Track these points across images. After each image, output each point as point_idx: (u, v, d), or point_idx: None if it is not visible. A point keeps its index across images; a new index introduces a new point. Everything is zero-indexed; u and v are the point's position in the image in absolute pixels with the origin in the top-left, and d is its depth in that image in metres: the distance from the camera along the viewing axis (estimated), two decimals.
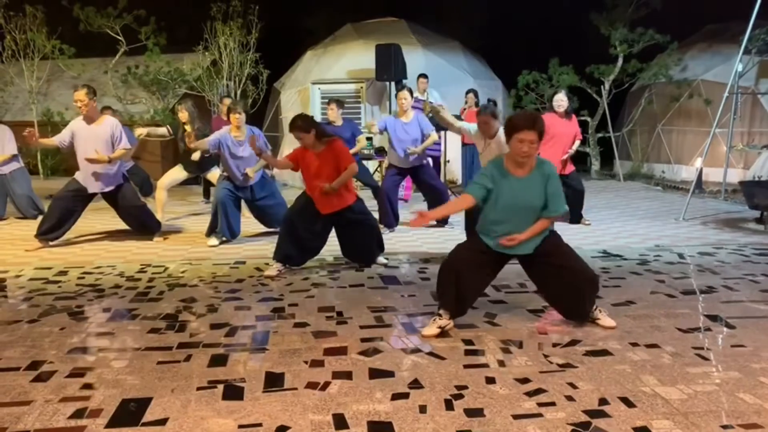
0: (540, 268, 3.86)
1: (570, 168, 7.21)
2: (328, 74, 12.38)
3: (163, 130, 7.81)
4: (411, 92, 7.00)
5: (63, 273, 5.35)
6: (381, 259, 5.60)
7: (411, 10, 14.24)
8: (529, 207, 3.72)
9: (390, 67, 10.73)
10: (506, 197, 3.71)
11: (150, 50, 12.89)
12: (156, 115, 12.77)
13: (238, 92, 12.86)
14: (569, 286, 3.75)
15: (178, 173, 7.66)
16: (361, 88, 12.15)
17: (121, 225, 6.87)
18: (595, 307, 3.89)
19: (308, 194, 5.30)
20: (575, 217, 7.38)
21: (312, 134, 5.12)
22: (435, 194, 7.09)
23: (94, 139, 6.08)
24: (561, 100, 7.02)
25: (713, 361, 3.32)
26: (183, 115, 7.28)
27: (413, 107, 7.20)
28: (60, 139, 6.15)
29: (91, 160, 5.98)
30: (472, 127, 5.66)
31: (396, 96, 6.92)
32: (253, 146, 5.32)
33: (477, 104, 10.08)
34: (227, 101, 9.33)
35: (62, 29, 13.33)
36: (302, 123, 5.09)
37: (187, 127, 7.25)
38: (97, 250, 6.26)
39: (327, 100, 8.09)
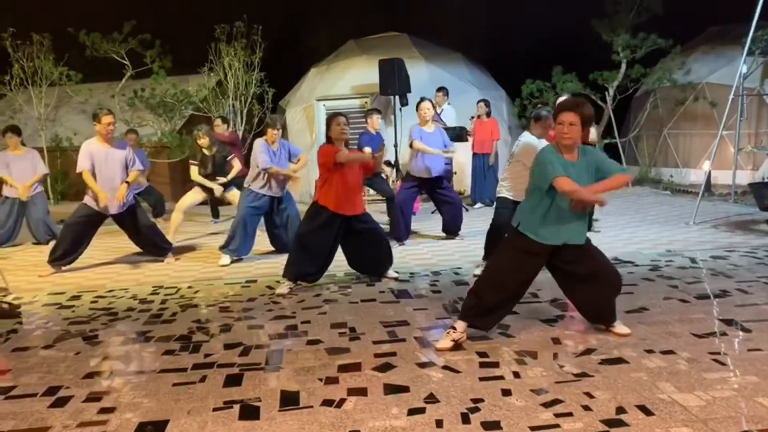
0: (572, 272, 3.82)
1: None
2: (332, 90, 12.46)
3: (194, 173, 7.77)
4: (433, 103, 7.08)
5: (76, 297, 5.38)
6: (392, 273, 5.60)
7: (412, 24, 14.32)
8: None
9: (394, 81, 10.77)
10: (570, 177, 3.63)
11: (156, 73, 13.01)
12: (164, 137, 12.88)
13: (244, 112, 12.96)
14: (601, 291, 3.76)
15: (196, 195, 7.68)
16: (366, 102, 12.21)
17: (133, 248, 6.91)
18: None
19: (332, 206, 5.21)
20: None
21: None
22: (450, 207, 7.10)
23: (111, 161, 6.16)
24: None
25: (730, 366, 3.30)
26: (204, 141, 7.53)
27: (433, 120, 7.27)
28: (83, 167, 6.10)
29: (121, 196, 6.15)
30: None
31: (417, 107, 6.99)
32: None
33: (488, 114, 10.09)
34: (219, 122, 9.54)
35: (69, 56, 13.48)
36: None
37: (206, 152, 7.48)
38: (109, 274, 6.30)
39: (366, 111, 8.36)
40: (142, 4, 14.10)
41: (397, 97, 11.07)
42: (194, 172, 7.59)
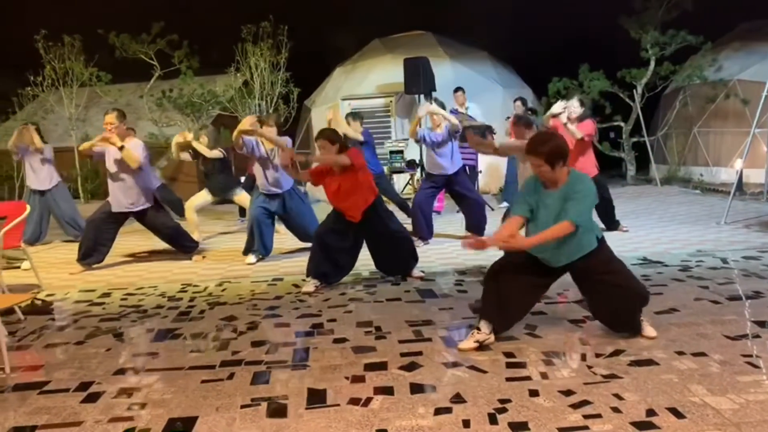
0: (591, 284, 3.76)
1: (591, 171, 7.01)
2: (357, 90, 12.50)
3: (215, 153, 7.81)
4: (443, 105, 7.06)
5: (106, 295, 5.47)
6: (417, 272, 5.59)
7: (437, 23, 14.30)
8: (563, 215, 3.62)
9: (418, 80, 10.78)
10: (540, 212, 3.67)
11: (183, 73, 13.18)
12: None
13: (270, 111, 13.04)
14: (620, 305, 3.69)
15: (206, 196, 7.78)
16: (391, 102, 12.22)
17: (161, 245, 7.00)
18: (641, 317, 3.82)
19: (336, 209, 5.32)
20: (609, 224, 7.24)
21: (335, 147, 5.22)
22: (472, 206, 7.07)
23: (121, 161, 6.20)
24: (571, 107, 6.92)
25: (764, 369, 3.23)
26: (203, 139, 7.64)
27: (451, 112, 7.25)
28: (98, 149, 6.27)
29: (102, 138, 6.10)
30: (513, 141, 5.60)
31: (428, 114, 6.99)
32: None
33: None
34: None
35: (99, 56, 13.74)
36: (329, 134, 5.27)
37: (205, 153, 7.62)
38: (138, 272, 6.39)
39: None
40: (170, 6, 14.29)
41: (422, 96, 11.07)
42: (200, 146, 7.63)
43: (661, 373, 3.22)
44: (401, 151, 10.95)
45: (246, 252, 6.55)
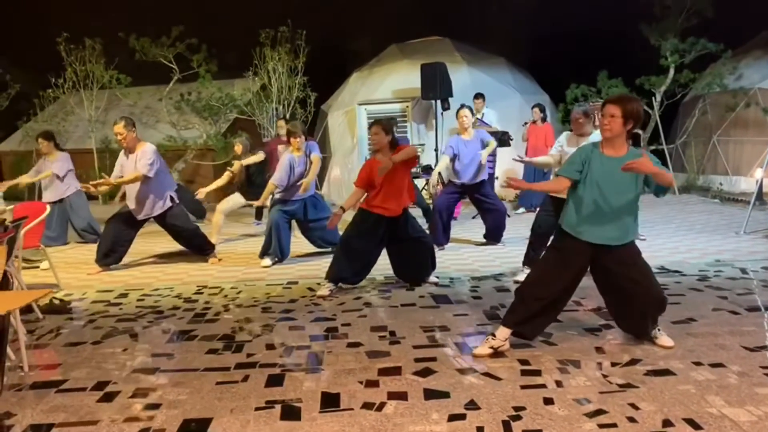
0: (611, 277, 3.74)
1: None
2: (374, 95, 12.52)
3: (260, 156, 7.93)
4: (471, 111, 7.05)
5: (123, 295, 5.52)
6: (433, 278, 5.59)
7: (455, 29, 14.31)
8: (623, 186, 3.58)
9: (435, 86, 10.78)
10: (597, 174, 3.60)
11: (202, 77, 13.29)
12: (209, 139, 13.13)
13: (287, 115, 13.11)
14: (635, 302, 3.68)
15: (238, 199, 7.82)
16: (407, 107, 12.23)
17: (177, 247, 7.06)
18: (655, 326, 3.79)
19: (375, 209, 5.25)
20: None
21: (388, 137, 5.26)
22: (494, 213, 7.04)
23: (131, 168, 6.24)
24: None
25: None
26: (238, 148, 7.73)
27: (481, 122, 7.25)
28: (114, 176, 6.33)
29: (96, 185, 6.05)
30: (558, 144, 5.50)
31: (457, 114, 6.97)
32: (332, 226, 5.36)
33: (544, 119, 9.96)
34: (282, 123, 9.56)
35: (119, 60, 13.90)
36: (386, 125, 5.32)
37: (240, 160, 7.72)
38: (155, 273, 6.45)
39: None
40: (190, 10, 14.41)
41: (438, 102, 11.07)
42: (223, 179, 7.67)
43: (678, 383, 3.19)
44: (417, 157, 10.93)
45: (262, 255, 6.59)
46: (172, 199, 6.51)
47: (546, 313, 3.74)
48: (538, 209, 5.93)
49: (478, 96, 10.07)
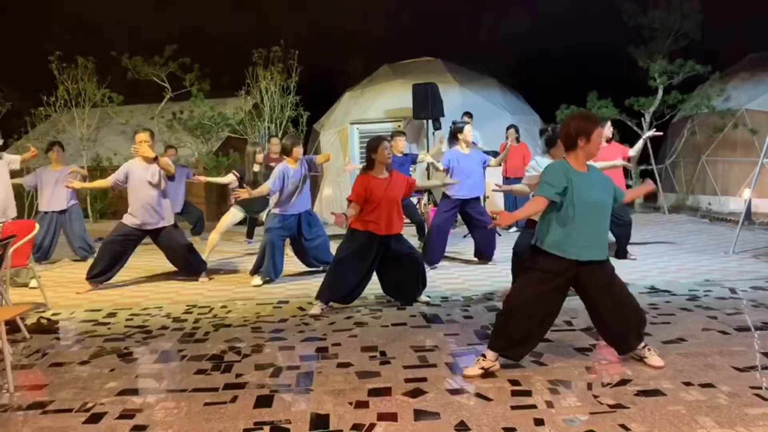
0: (595, 293, 3.74)
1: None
2: (366, 114, 12.58)
3: (229, 177, 7.99)
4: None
5: (112, 315, 5.47)
6: (423, 297, 5.58)
7: (447, 49, 14.43)
8: (602, 203, 3.67)
9: (427, 106, 10.84)
10: (579, 192, 3.60)
11: (194, 96, 13.32)
12: (201, 158, 13.13)
13: (279, 134, 13.14)
14: (618, 317, 3.71)
15: (234, 216, 7.75)
16: (399, 126, 12.28)
17: (167, 266, 7.01)
18: (643, 345, 3.79)
19: (369, 224, 5.23)
20: (621, 250, 7.24)
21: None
22: (483, 231, 7.05)
23: (147, 179, 6.31)
24: (606, 128, 7.08)
25: None
26: (260, 157, 7.76)
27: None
28: (115, 178, 6.37)
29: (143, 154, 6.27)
30: (533, 167, 5.48)
31: (461, 130, 7.10)
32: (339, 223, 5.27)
33: (518, 140, 10.05)
34: (275, 140, 9.56)
35: (111, 78, 13.92)
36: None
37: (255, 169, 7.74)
38: (144, 292, 6.40)
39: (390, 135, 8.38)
40: (183, 30, 14.49)
41: (430, 122, 11.13)
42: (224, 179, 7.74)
43: (668, 404, 3.19)
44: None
45: (254, 272, 6.56)
46: (173, 215, 6.60)
47: (531, 335, 3.73)
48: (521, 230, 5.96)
49: (467, 114, 10.18)
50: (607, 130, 7.19)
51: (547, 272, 3.67)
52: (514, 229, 9.95)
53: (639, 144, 7.29)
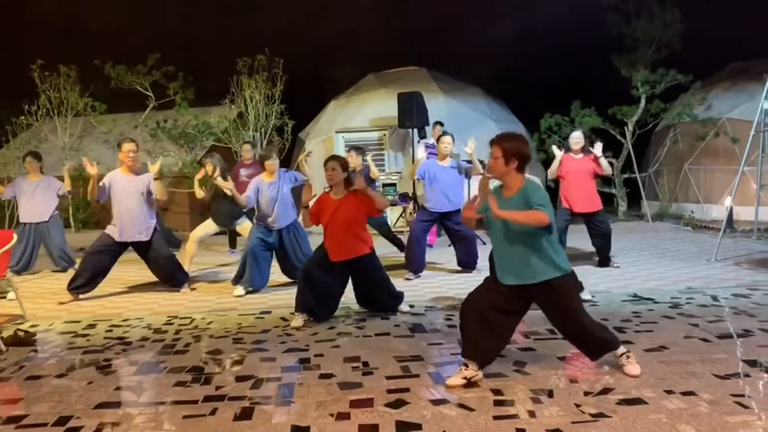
0: (547, 314, 3.79)
1: (595, 206, 7.08)
2: (351, 123, 12.58)
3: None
4: (453, 138, 7.11)
5: (92, 326, 5.39)
6: (404, 307, 5.54)
7: (432, 59, 14.48)
8: (516, 225, 3.60)
9: (412, 114, 10.87)
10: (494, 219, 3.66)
11: (178, 105, 13.24)
12: (184, 167, 13.04)
13: (264, 143, 13.10)
14: (568, 336, 3.77)
15: (209, 226, 7.67)
16: (384, 135, 12.30)
17: (149, 277, 6.93)
18: (621, 352, 3.77)
19: (324, 245, 5.28)
20: (603, 260, 7.28)
21: (344, 174, 5.25)
22: (463, 240, 7.05)
23: (131, 190, 6.25)
24: (576, 138, 7.07)
25: (754, 409, 3.19)
26: (209, 167, 7.48)
27: (430, 154, 7.32)
28: (99, 190, 6.28)
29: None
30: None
31: (438, 140, 7.09)
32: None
33: None
34: (247, 147, 9.49)
35: (94, 87, 13.80)
36: (344, 161, 5.33)
37: (213, 180, 7.42)
38: (125, 303, 6.32)
39: (348, 149, 8.36)
40: (167, 38, 14.43)
41: (415, 130, 11.16)
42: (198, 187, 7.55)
43: (649, 412, 3.18)
44: (394, 184, 10.99)
45: (235, 281, 6.50)
46: (155, 228, 6.51)
47: (488, 340, 3.69)
48: None
49: (438, 123, 10.22)
50: (575, 143, 7.12)
51: (492, 287, 3.78)
52: None
53: (604, 163, 7.17)
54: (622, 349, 3.79)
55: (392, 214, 11.36)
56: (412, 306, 5.59)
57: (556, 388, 3.56)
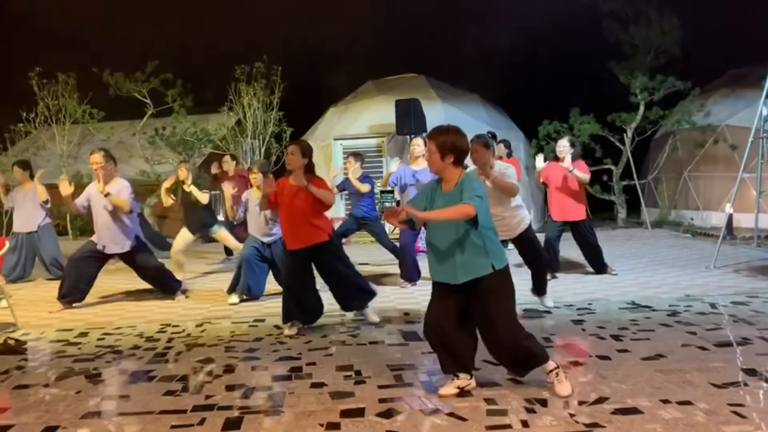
0: (475, 310, 3.57)
1: (577, 215, 7.00)
2: (349, 130, 12.56)
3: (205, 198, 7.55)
4: (425, 141, 7.02)
5: (84, 334, 5.34)
6: (372, 317, 5.40)
7: (430, 66, 14.48)
8: (447, 222, 3.49)
9: (410, 121, 10.84)
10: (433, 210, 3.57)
11: (177, 112, 13.23)
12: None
13: (262, 150, 13.08)
14: (492, 343, 3.57)
15: (186, 235, 7.57)
16: (382, 142, 12.28)
17: (143, 285, 6.88)
18: (551, 369, 3.54)
19: (286, 241, 5.18)
20: (597, 267, 7.20)
21: (304, 160, 5.10)
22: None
23: (106, 202, 6.15)
24: (560, 146, 6.94)
25: (753, 419, 3.13)
26: (182, 172, 7.41)
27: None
28: (80, 202, 6.28)
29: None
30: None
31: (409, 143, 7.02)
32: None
33: (509, 155, 9.97)
34: (227, 158, 9.43)
35: (92, 94, 13.80)
36: (305, 146, 5.20)
37: (185, 187, 7.41)
38: (118, 311, 6.27)
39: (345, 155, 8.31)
40: (165, 45, 14.44)
41: (413, 137, 11.11)
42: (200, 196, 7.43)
43: (644, 422, 3.12)
44: (392, 191, 10.93)
45: (230, 290, 6.44)
46: (137, 238, 6.44)
47: (457, 347, 3.60)
48: None
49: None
50: (559, 151, 6.94)
51: (437, 295, 3.68)
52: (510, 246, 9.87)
53: (578, 174, 6.98)
54: (551, 364, 3.56)
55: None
56: (378, 320, 5.42)
57: (550, 398, 3.49)
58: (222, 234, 7.67)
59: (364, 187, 7.71)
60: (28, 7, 14.77)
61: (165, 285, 6.65)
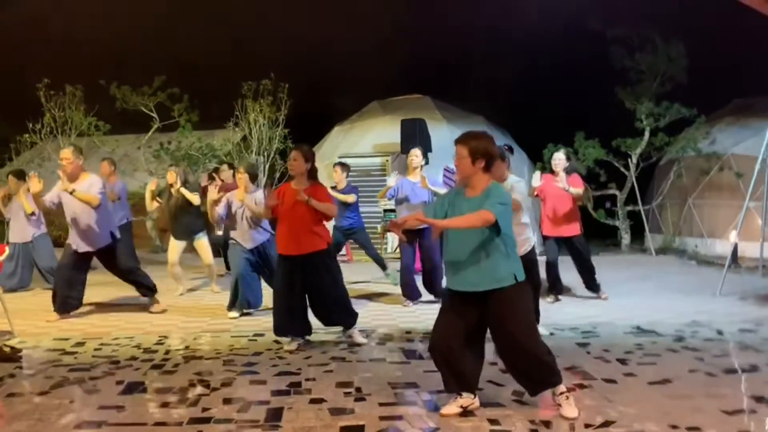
0: (490, 325, 3.50)
1: (571, 231, 6.93)
2: (354, 148, 12.55)
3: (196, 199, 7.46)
4: (425, 153, 6.97)
5: (80, 344, 5.27)
6: (359, 338, 5.26)
7: (436, 88, 14.51)
8: (463, 231, 3.45)
9: (415, 140, 10.80)
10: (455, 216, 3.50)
11: (182, 126, 13.25)
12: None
13: (267, 166, 13.06)
14: (511, 356, 3.49)
15: (176, 245, 7.44)
16: (387, 161, 12.27)
17: (143, 297, 6.80)
18: (561, 391, 3.49)
19: (278, 247, 5.08)
20: (588, 284, 7.11)
21: (307, 165, 5.05)
22: (429, 266, 6.80)
23: (74, 200, 6.03)
24: (556, 159, 6.87)
25: None
26: (171, 176, 7.35)
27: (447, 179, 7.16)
28: (49, 198, 6.14)
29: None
30: None
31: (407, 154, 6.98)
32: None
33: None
34: (223, 168, 9.38)
35: (99, 107, 13.82)
36: (308, 151, 5.14)
37: (174, 191, 7.35)
38: (117, 321, 6.20)
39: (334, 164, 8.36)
40: (173, 60, 14.50)
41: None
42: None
43: None
44: (394, 210, 10.89)
45: (230, 307, 6.34)
46: (113, 235, 6.33)
47: (462, 366, 3.50)
48: None
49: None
50: (555, 164, 6.88)
51: (448, 309, 3.61)
52: None
53: (573, 191, 6.77)
54: (562, 387, 3.51)
55: (392, 240, 11.27)
56: (366, 338, 5.32)
57: (555, 419, 3.41)
58: (202, 243, 7.52)
59: (350, 198, 7.68)
60: (36, 19, 14.86)
61: (140, 282, 6.55)
